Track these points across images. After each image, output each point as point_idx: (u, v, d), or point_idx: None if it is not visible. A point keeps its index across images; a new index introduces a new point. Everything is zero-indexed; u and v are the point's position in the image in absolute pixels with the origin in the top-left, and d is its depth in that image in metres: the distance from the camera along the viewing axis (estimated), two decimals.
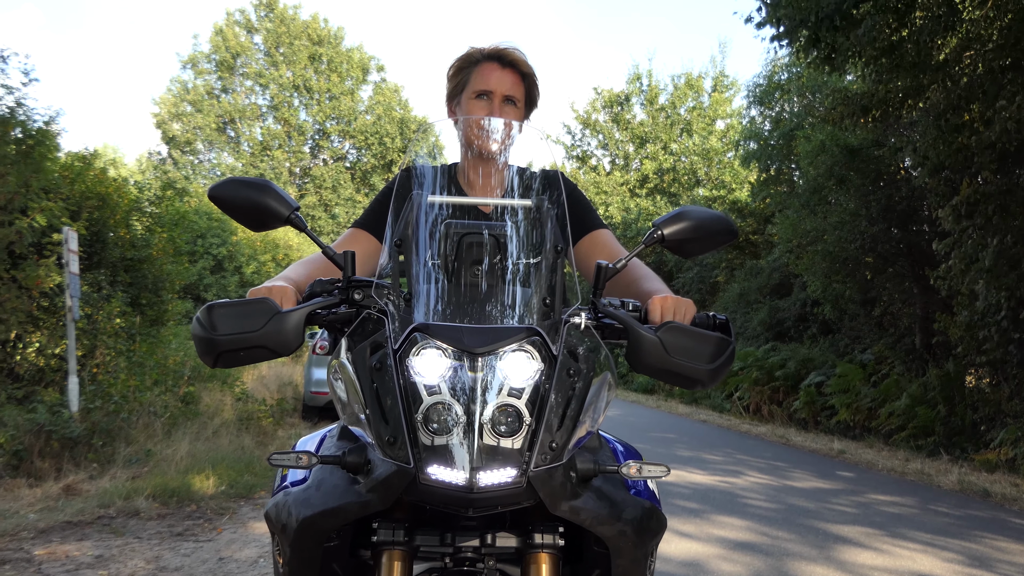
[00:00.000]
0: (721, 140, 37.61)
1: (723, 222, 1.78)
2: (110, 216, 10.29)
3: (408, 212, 1.64)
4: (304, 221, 1.70)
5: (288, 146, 42.78)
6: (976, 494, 9.09)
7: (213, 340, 1.56)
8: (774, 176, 22.60)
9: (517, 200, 1.72)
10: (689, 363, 1.59)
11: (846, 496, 8.71)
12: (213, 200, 1.70)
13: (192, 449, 8.45)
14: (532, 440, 1.39)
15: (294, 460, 1.50)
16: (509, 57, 2.28)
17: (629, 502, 1.59)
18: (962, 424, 12.49)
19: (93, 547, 5.50)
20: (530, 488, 1.39)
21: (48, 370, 8.89)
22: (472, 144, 2.23)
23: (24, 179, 8.14)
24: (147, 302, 11.41)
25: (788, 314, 21.33)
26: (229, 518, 6.56)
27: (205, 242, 23.77)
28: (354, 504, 1.49)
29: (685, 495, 8.17)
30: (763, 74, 23.71)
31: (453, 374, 1.41)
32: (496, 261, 1.60)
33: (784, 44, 11.87)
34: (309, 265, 2.10)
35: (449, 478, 1.35)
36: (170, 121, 41.12)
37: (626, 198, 38.37)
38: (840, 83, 16.53)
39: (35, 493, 6.67)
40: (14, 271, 8.20)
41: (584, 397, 1.49)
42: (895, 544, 6.44)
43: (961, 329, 12.33)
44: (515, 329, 1.47)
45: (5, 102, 8.59)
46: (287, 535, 1.57)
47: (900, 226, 16.03)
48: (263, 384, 15.87)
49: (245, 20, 42.33)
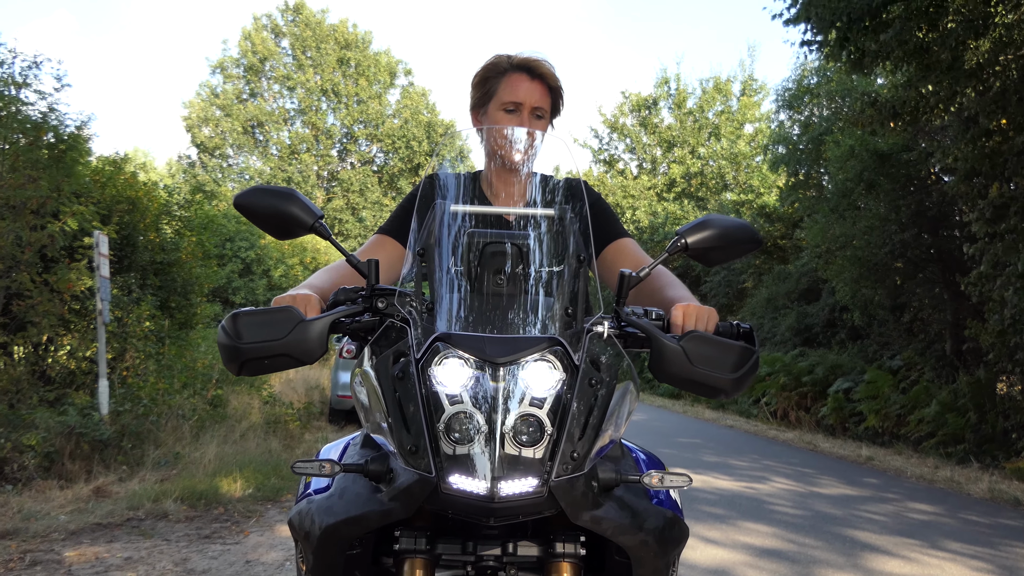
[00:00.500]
0: (749, 144, 37.47)
1: (747, 230, 1.77)
2: (140, 220, 10.39)
3: (431, 221, 1.65)
4: (328, 229, 1.71)
5: (316, 150, 43.03)
6: (1007, 503, 8.98)
7: (238, 348, 1.57)
8: (803, 180, 22.46)
9: (540, 209, 1.72)
10: (712, 372, 1.58)
11: (874, 503, 8.64)
12: (238, 208, 1.71)
13: (220, 452, 8.51)
14: (553, 450, 1.40)
15: (317, 468, 1.51)
16: (539, 69, 2.25)
17: (651, 511, 1.59)
18: (993, 432, 12.34)
19: (122, 549, 5.55)
20: (551, 498, 1.39)
21: (79, 373, 8.98)
22: (496, 153, 2.23)
23: (56, 183, 8.24)
24: (176, 305, 11.52)
25: (816, 319, 21.17)
26: (256, 521, 6.60)
27: (234, 245, 23.93)
28: (376, 512, 1.49)
29: (711, 501, 8.13)
30: (792, 78, 23.60)
31: (475, 384, 1.42)
32: (518, 270, 1.61)
33: (814, 48, 11.81)
34: (333, 272, 2.12)
35: (470, 488, 1.35)
36: (199, 125, 41.47)
37: (653, 202, 38.32)
38: (870, 88, 16.40)
39: (66, 495, 6.74)
40: (46, 275, 8.30)
41: (606, 407, 1.49)
42: (924, 552, 6.38)
43: (992, 336, 12.19)
44: (537, 339, 1.48)
45: (38, 107, 8.70)
46: (310, 542, 1.57)
47: (930, 231, 15.87)
48: (291, 387, 15.95)
49: (273, 24, 42.64)
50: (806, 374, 18.50)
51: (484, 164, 2.34)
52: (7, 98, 8.32)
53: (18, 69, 8.54)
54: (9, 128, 8.19)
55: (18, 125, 8.32)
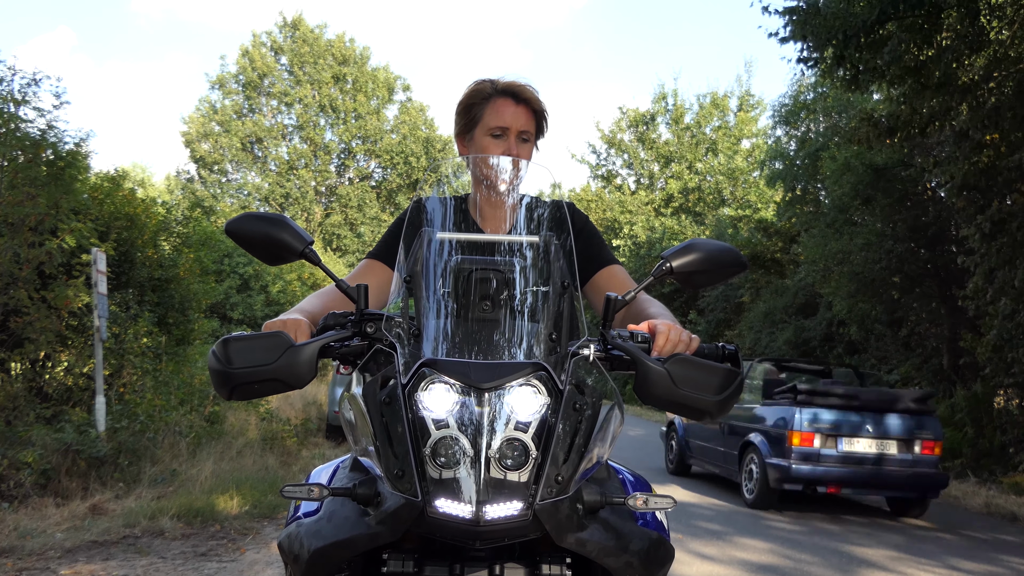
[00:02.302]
0: (747, 159, 37.50)
1: (732, 254, 1.79)
2: (138, 236, 10.39)
3: (417, 249, 1.67)
4: (318, 256, 1.73)
5: (314, 165, 43.10)
6: (1004, 517, 8.99)
7: (228, 373, 1.59)
8: (800, 196, 22.50)
9: (525, 236, 1.74)
10: (697, 395, 1.60)
11: (871, 518, 8.64)
12: (230, 235, 1.73)
13: (216, 469, 8.51)
14: (538, 473, 1.41)
15: (306, 492, 1.53)
16: (523, 94, 2.29)
17: (636, 533, 1.60)
18: (990, 446, 12.35)
19: (118, 567, 5.55)
20: (536, 521, 1.40)
21: (76, 389, 8.97)
22: (483, 180, 2.26)
23: (54, 200, 8.25)
24: (174, 321, 11.51)
25: (814, 334, 21.17)
26: (252, 538, 6.60)
27: (232, 261, 23.96)
28: (364, 536, 1.51)
29: (707, 517, 8.13)
30: (789, 94, 23.64)
31: (461, 408, 1.44)
32: (504, 297, 1.63)
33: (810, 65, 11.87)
34: (324, 297, 2.14)
35: (456, 511, 1.37)
36: (198, 141, 41.55)
37: (651, 217, 38.34)
38: (866, 103, 16.46)
39: (62, 512, 6.73)
40: (44, 291, 8.30)
41: (591, 430, 1.51)
42: (920, 567, 6.38)
43: (989, 350, 12.21)
44: (521, 364, 1.50)
45: (37, 124, 8.73)
46: (299, 565, 1.59)
47: (927, 246, 15.91)
48: (288, 404, 15.94)
49: (272, 41, 42.79)
50: None
51: (472, 187, 2.37)
52: (6, 115, 8.34)
53: (17, 86, 8.57)
54: (8, 146, 8.21)
55: (17, 142, 8.34)
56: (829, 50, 11.15)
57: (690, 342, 1.78)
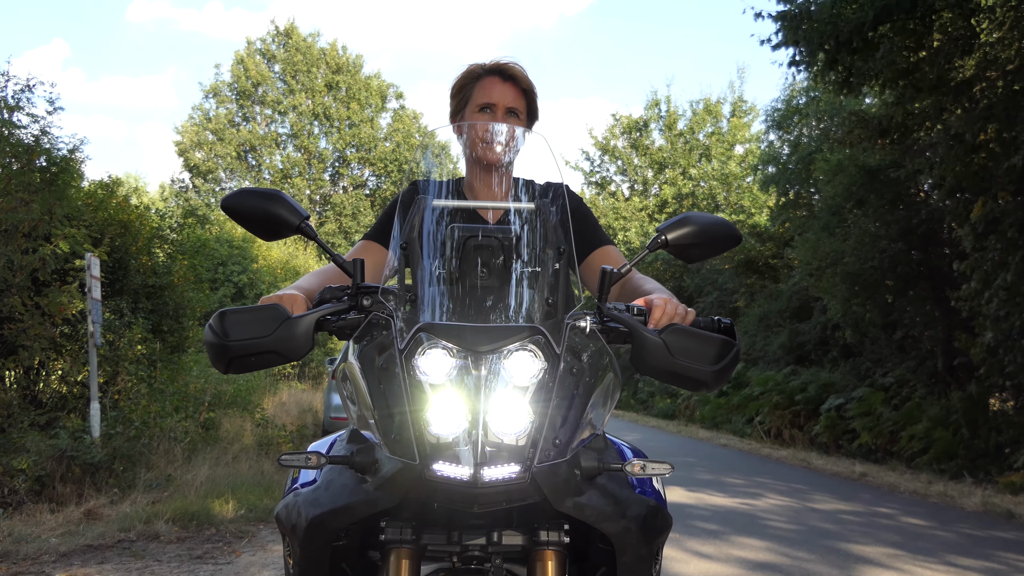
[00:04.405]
0: (740, 165, 37.59)
1: (726, 227, 1.79)
2: (132, 243, 10.38)
3: (414, 215, 1.68)
4: (314, 230, 1.73)
5: (308, 174, 43.07)
6: (1000, 515, 8.99)
7: (225, 346, 1.59)
8: (793, 200, 22.55)
9: (521, 204, 1.75)
10: (693, 365, 1.61)
11: (868, 517, 8.64)
12: (225, 211, 1.73)
13: (212, 474, 8.49)
14: (536, 437, 1.42)
15: (303, 461, 1.52)
16: (510, 71, 2.35)
17: (634, 500, 1.60)
18: (986, 447, 12.35)
19: (114, 570, 5.53)
20: (534, 483, 1.40)
21: (71, 396, 8.96)
22: (476, 152, 2.27)
23: (48, 206, 8.24)
24: (168, 329, 11.49)
25: (809, 337, 21.20)
26: (248, 541, 6.58)
27: (226, 269, 23.91)
28: (362, 502, 1.51)
29: (705, 516, 8.13)
30: (781, 98, 23.73)
31: (458, 372, 1.44)
32: (500, 263, 1.63)
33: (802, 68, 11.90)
34: (321, 275, 2.15)
35: (454, 473, 1.37)
36: (192, 149, 41.50)
37: (645, 223, 38.38)
38: (858, 105, 16.50)
39: (57, 518, 6.72)
40: (38, 298, 8.29)
41: (588, 396, 1.51)
42: (917, 564, 6.38)
43: (983, 351, 12.22)
44: (518, 328, 1.50)
45: (30, 130, 8.72)
46: (296, 535, 1.58)
47: (920, 248, 15.92)
48: (283, 410, 15.92)
49: (265, 49, 42.80)
50: (799, 392, 18.51)
51: (466, 170, 2.38)
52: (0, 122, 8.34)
53: (11, 92, 8.57)
54: (2, 152, 8.20)
55: (11, 148, 8.34)
56: (821, 55, 11.19)
57: (686, 315, 1.79)
